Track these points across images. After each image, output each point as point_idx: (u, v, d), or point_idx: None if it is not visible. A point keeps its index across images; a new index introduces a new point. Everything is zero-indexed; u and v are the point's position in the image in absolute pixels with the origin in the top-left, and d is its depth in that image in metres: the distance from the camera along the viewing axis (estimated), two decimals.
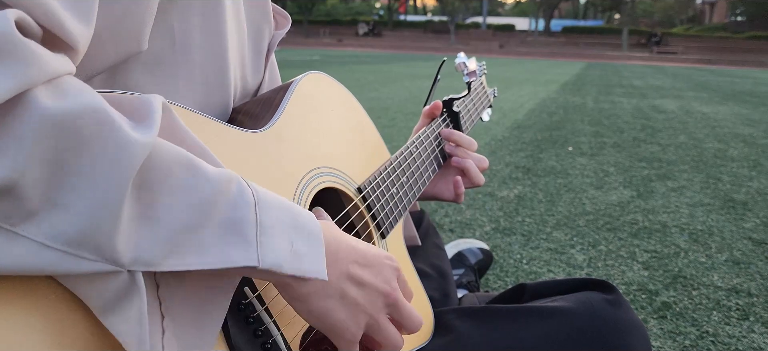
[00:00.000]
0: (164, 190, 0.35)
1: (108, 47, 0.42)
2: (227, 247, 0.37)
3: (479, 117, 0.99)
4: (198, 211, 0.36)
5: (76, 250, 0.31)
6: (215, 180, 0.37)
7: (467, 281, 1.31)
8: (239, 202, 0.38)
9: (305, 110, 0.61)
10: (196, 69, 0.51)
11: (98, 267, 0.32)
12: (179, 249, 0.35)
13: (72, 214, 0.31)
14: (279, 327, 0.50)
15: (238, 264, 0.37)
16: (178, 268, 0.35)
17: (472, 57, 0.96)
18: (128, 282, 0.34)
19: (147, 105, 0.35)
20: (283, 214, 0.41)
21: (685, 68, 19.06)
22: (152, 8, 0.44)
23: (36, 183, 0.30)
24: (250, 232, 0.38)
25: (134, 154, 0.32)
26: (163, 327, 0.37)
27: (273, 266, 0.39)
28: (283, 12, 0.69)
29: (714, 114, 5.49)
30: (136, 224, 0.33)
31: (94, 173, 0.31)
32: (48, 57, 0.30)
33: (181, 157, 0.36)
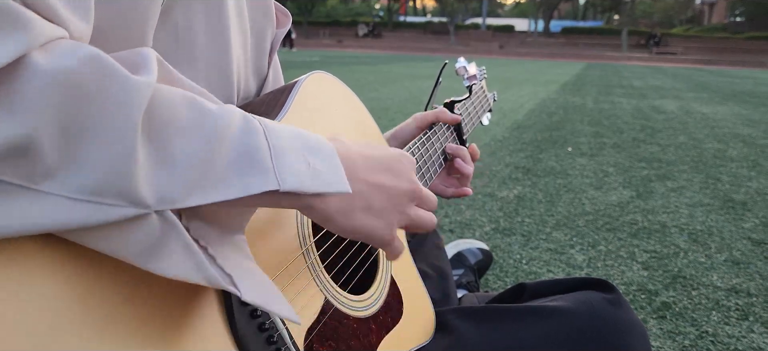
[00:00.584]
0: (173, 131, 0.35)
1: (112, 46, 0.42)
2: (245, 175, 0.37)
3: (479, 121, 0.99)
4: (209, 145, 0.36)
5: (101, 198, 0.32)
6: (219, 113, 0.38)
7: (467, 281, 1.31)
8: (247, 131, 0.39)
9: (309, 109, 0.61)
10: (200, 67, 0.51)
11: (126, 212, 0.33)
12: (198, 184, 0.35)
13: (90, 164, 0.31)
14: (284, 322, 0.50)
15: (260, 190, 0.37)
16: (201, 202, 0.35)
17: (473, 61, 0.96)
18: (161, 222, 0.34)
19: (140, 54, 0.36)
20: (293, 137, 0.42)
21: (685, 69, 19.07)
22: (156, 7, 0.44)
23: (50, 139, 0.30)
24: (265, 157, 0.38)
25: (139, 94, 0.32)
26: (210, 255, 0.38)
27: (294, 187, 0.39)
28: (284, 9, 0.70)
29: (713, 114, 5.50)
30: (154, 166, 0.34)
31: (103, 120, 0.31)
32: (43, 23, 0.31)
33: (184, 97, 0.37)
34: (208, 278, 0.36)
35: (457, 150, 0.86)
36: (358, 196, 0.46)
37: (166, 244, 0.35)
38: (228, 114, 0.38)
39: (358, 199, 0.46)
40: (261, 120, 0.41)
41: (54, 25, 0.32)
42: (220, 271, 0.38)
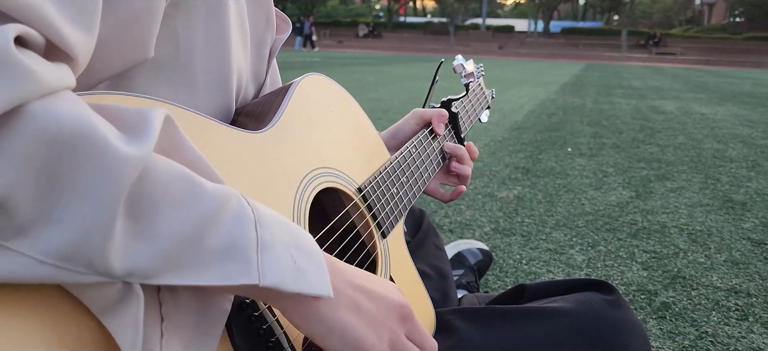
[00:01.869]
0: (161, 205, 0.34)
1: (114, 55, 0.42)
2: (226, 264, 0.37)
3: (477, 118, 0.99)
4: (196, 227, 0.35)
5: (68, 264, 0.31)
6: (214, 196, 0.37)
7: (467, 282, 1.31)
8: (239, 219, 0.38)
9: (305, 111, 0.61)
10: (199, 74, 0.52)
11: (91, 279, 0.32)
12: (176, 264, 0.35)
13: (63, 229, 0.31)
14: (282, 325, 0.50)
15: (238, 282, 0.37)
16: (175, 282, 0.35)
17: (470, 59, 0.96)
18: (123, 290, 0.34)
19: (144, 118, 0.35)
20: (284, 232, 0.41)
21: (684, 69, 19.08)
22: (158, 16, 0.44)
23: (26, 198, 0.30)
24: (251, 249, 0.38)
25: (126, 171, 0.32)
26: (161, 330, 0.37)
27: (275, 284, 0.38)
28: (284, 16, 0.70)
29: (713, 115, 5.50)
30: (131, 239, 0.33)
31: (84, 190, 0.31)
32: (45, 72, 0.30)
33: (180, 172, 0.36)
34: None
35: (454, 149, 0.86)
36: (345, 294, 0.45)
37: (120, 309, 0.34)
38: (223, 198, 0.38)
39: (345, 298, 0.45)
40: (255, 207, 0.40)
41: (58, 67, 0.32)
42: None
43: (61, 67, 0.32)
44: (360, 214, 0.66)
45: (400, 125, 0.86)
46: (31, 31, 0.30)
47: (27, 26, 0.30)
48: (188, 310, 0.39)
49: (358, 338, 0.44)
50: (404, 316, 0.49)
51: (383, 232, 0.68)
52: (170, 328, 0.38)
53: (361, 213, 0.66)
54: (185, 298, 0.39)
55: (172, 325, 0.38)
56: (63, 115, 0.30)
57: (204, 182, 0.37)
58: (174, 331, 0.38)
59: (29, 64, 0.29)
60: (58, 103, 0.31)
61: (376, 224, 0.67)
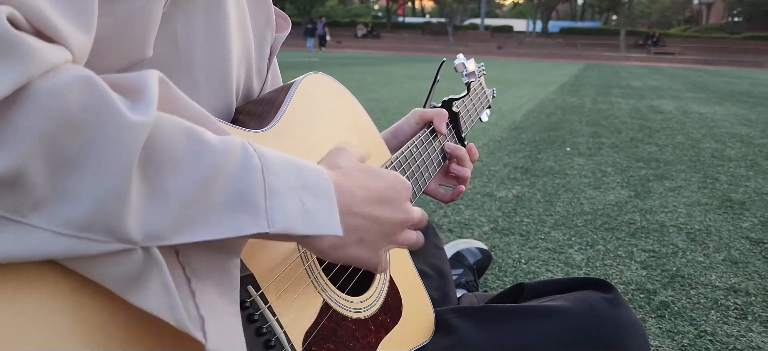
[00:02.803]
0: (169, 165, 0.35)
1: (113, 55, 0.42)
2: (236, 215, 0.37)
3: (478, 117, 0.99)
4: (204, 182, 0.36)
5: (87, 234, 0.32)
6: (219, 148, 0.37)
7: (466, 281, 1.31)
8: (245, 168, 0.38)
9: (307, 110, 0.61)
10: (200, 72, 0.52)
11: (112, 247, 0.33)
12: (188, 221, 0.35)
13: (79, 200, 0.31)
14: (282, 325, 0.50)
15: (249, 232, 0.37)
16: (188, 239, 0.35)
17: (471, 58, 0.96)
18: (144, 257, 0.34)
19: (142, 82, 0.35)
20: (292, 174, 0.41)
21: (683, 69, 19.09)
22: (157, 15, 0.44)
23: (40, 173, 0.30)
24: (259, 197, 0.38)
25: (135, 137, 0.32)
26: (191, 289, 0.37)
27: (284, 229, 0.39)
28: (284, 14, 0.70)
29: (711, 114, 5.51)
30: (145, 202, 0.34)
31: (97, 159, 0.31)
32: (44, 48, 0.30)
33: (183, 129, 0.36)
34: (179, 321, 0.35)
35: (455, 150, 0.86)
36: (352, 230, 0.47)
37: (145, 280, 0.34)
38: (228, 148, 0.38)
39: (352, 233, 0.47)
40: (262, 154, 0.40)
41: (56, 47, 0.32)
42: (194, 311, 0.37)
43: (58, 46, 0.32)
44: None
45: (401, 125, 0.86)
46: (17, 14, 0.30)
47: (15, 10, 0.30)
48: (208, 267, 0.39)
49: (358, 261, 0.50)
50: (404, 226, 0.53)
51: None
52: (199, 286, 0.38)
53: None
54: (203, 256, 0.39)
55: (201, 282, 0.38)
56: (69, 88, 0.31)
57: (208, 136, 0.37)
58: (204, 287, 0.38)
59: (30, 41, 0.30)
60: (63, 77, 0.31)
61: None
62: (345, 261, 0.49)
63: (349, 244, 0.47)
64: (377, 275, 0.67)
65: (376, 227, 0.49)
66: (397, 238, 0.53)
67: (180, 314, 0.35)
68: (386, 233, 0.51)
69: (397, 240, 0.53)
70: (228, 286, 0.41)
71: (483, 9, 51.31)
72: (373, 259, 0.51)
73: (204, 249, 0.39)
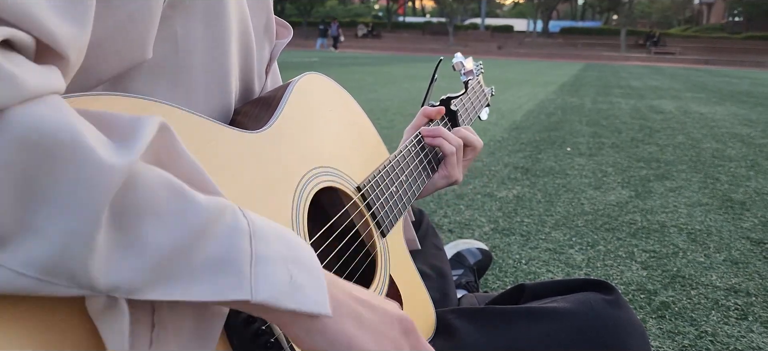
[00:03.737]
0: (148, 216, 0.33)
1: (112, 56, 0.42)
2: (217, 278, 0.35)
3: (477, 115, 0.99)
4: (184, 240, 0.34)
5: (50, 277, 0.30)
6: (206, 208, 0.35)
7: (466, 281, 1.31)
8: (232, 232, 0.36)
9: (304, 110, 0.61)
10: (199, 74, 0.51)
11: (74, 292, 0.32)
12: (163, 279, 0.34)
13: (43, 241, 0.30)
14: None
15: (229, 298, 0.35)
16: (161, 297, 0.34)
17: (469, 57, 0.96)
18: (108, 302, 0.33)
19: (135, 126, 0.33)
20: (281, 245, 0.39)
21: (683, 69, 19.10)
22: (156, 17, 0.44)
23: (5, 207, 0.29)
24: (244, 263, 0.36)
25: (108, 179, 0.30)
26: (151, 338, 0.36)
27: (268, 300, 0.36)
28: (286, 23, 0.70)
29: (712, 114, 5.50)
30: (114, 251, 0.32)
31: (65, 199, 0.30)
32: (28, 76, 0.29)
33: (169, 183, 0.34)
34: None
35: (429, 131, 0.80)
36: (346, 306, 0.43)
37: (108, 319, 0.34)
38: (215, 210, 0.36)
39: (346, 310, 0.43)
40: (251, 219, 0.38)
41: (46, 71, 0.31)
42: None
43: (50, 70, 0.31)
44: (359, 214, 0.65)
45: (414, 123, 0.86)
46: (18, 33, 0.29)
47: (14, 28, 0.29)
48: (184, 313, 0.38)
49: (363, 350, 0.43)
50: (406, 329, 0.47)
51: (382, 231, 0.68)
52: (161, 336, 0.36)
53: (361, 212, 0.65)
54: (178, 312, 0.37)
55: (165, 332, 0.37)
56: (43, 120, 0.29)
57: (194, 194, 0.36)
58: (166, 338, 0.37)
59: (10, 68, 0.28)
60: (40, 109, 0.30)
61: (375, 223, 0.67)
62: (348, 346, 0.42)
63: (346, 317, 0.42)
64: (376, 274, 0.67)
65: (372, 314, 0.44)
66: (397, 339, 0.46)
67: None
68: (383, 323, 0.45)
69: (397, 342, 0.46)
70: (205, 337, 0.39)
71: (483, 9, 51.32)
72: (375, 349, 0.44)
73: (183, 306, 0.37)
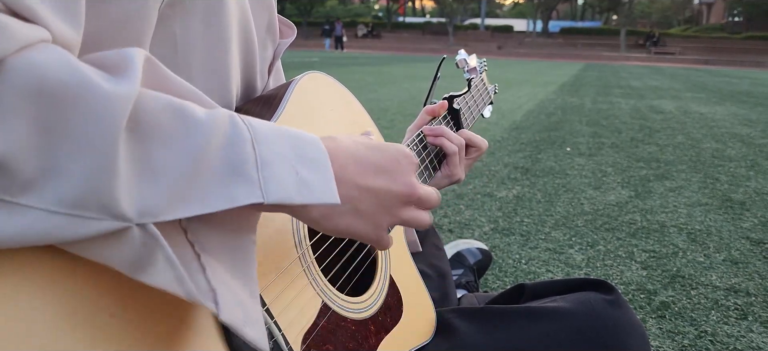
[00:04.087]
0: (156, 142, 0.34)
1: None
2: (230, 188, 0.37)
3: (480, 114, 0.99)
4: (193, 157, 0.35)
5: (80, 211, 0.31)
6: (206, 122, 0.37)
7: (466, 281, 1.31)
8: (235, 140, 0.38)
9: (305, 109, 0.61)
10: (198, 75, 0.51)
11: (106, 226, 0.32)
12: (180, 196, 0.35)
13: (68, 177, 0.31)
14: (280, 327, 0.50)
15: (243, 203, 0.37)
16: (182, 215, 0.35)
17: (473, 54, 0.96)
18: (142, 235, 0.34)
19: (125, 57, 0.35)
20: (284, 144, 0.41)
21: (683, 69, 19.10)
22: (152, 16, 0.44)
23: (26, 152, 0.30)
24: (251, 169, 0.38)
25: (117, 109, 0.31)
26: (201, 264, 0.37)
27: (280, 200, 0.39)
28: (289, 23, 0.70)
29: (711, 114, 5.51)
30: (135, 178, 0.33)
31: (81, 135, 0.31)
32: (18, 26, 0.30)
33: (169, 105, 0.35)
34: (188, 292, 0.35)
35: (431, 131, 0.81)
36: (346, 200, 0.45)
37: (148, 256, 0.34)
38: (215, 122, 0.37)
39: (346, 202, 0.46)
40: (251, 125, 0.40)
41: (33, 26, 0.31)
42: (205, 284, 0.36)
43: (35, 26, 0.32)
44: None
45: (416, 122, 0.86)
46: None
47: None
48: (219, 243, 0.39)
49: (355, 233, 0.48)
50: (407, 201, 0.50)
51: None
52: (210, 261, 0.37)
53: None
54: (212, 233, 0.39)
55: (212, 258, 0.38)
56: (45, 64, 0.30)
57: (194, 110, 0.37)
58: (216, 263, 0.38)
59: (4, 18, 0.29)
60: (39, 53, 0.30)
61: None
62: (341, 233, 0.47)
63: (344, 213, 0.46)
64: (377, 275, 0.67)
65: (371, 198, 0.47)
66: (400, 212, 0.50)
67: (188, 285, 0.35)
68: (386, 206, 0.48)
69: (399, 215, 0.50)
70: (242, 262, 0.40)
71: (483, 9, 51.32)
72: (372, 233, 0.48)
73: (212, 227, 0.39)
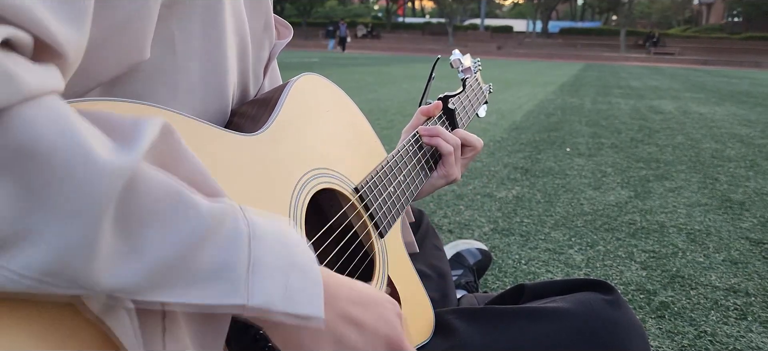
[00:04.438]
0: (149, 222, 0.33)
1: (109, 57, 0.42)
2: (215, 284, 0.35)
3: (475, 113, 0.99)
4: (184, 248, 0.34)
5: (52, 279, 0.30)
6: (207, 216, 0.35)
7: (466, 282, 1.31)
8: (231, 238, 0.37)
9: (301, 112, 0.61)
10: (195, 76, 0.51)
11: (76, 292, 0.31)
12: (163, 284, 0.34)
13: (43, 246, 0.29)
14: None
15: (226, 303, 0.36)
16: (161, 300, 0.34)
17: (467, 54, 0.96)
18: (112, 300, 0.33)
19: (136, 127, 0.33)
20: (280, 249, 0.39)
21: (683, 69, 19.11)
22: (153, 17, 0.44)
23: (5, 212, 0.28)
24: (241, 270, 0.36)
25: (108, 181, 0.30)
26: (164, 325, 0.36)
27: (262, 305, 0.37)
28: (286, 23, 0.70)
29: (711, 114, 5.51)
30: (116, 257, 0.32)
31: (64, 205, 0.29)
32: (28, 76, 0.29)
33: (171, 188, 0.34)
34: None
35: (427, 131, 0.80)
36: (330, 326, 0.43)
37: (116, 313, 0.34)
38: (218, 217, 0.36)
39: (329, 330, 0.43)
40: (251, 221, 0.38)
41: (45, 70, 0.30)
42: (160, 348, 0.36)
43: (49, 69, 0.31)
44: (357, 215, 0.65)
45: (411, 122, 0.86)
46: (18, 32, 0.29)
47: (13, 27, 0.29)
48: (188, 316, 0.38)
49: None
50: (392, 348, 0.48)
51: (380, 232, 0.68)
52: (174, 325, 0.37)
53: (358, 213, 0.65)
54: None
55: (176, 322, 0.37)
56: (43, 123, 0.29)
57: (197, 200, 0.35)
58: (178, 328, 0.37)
59: (10, 67, 0.28)
60: (39, 110, 0.29)
61: (373, 224, 0.67)
62: None
63: (325, 340, 0.43)
64: (375, 275, 0.67)
65: (357, 334, 0.45)
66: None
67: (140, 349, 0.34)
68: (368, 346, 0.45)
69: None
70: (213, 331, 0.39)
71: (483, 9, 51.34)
72: None
73: None
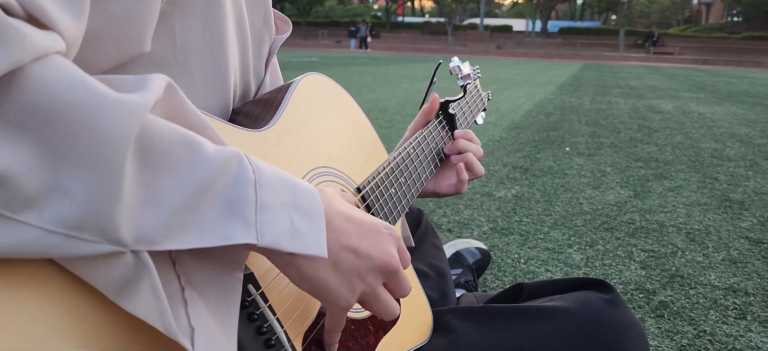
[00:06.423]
0: (164, 171, 0.35)
1: (109, 49, 0.42)
2: (226, 225, 0.37)
3: (473, 120, 0.99)
4: (198, 191, 0.36)
5: (78, 233, 0.31)
6: (216, 159, 0.37)
7: (465, 281, 1.31)
8: (239, 180, 0.39)
9: (304, 111, 0.61)
10: (197, 71, 0.52)
11: (102, 249, 0.32)
12: (179, 228, 0.35)
13: (71, 198, 0.30)
14: (282, 324, 0.50)
15: (237, 242, 0.38)
16: (178, 246, 0.35)
17: (466, 61, 0.97)
18: (134, 262, 0.34)
19: (142, 81, 0.35)
20: (284, 191, 0.42)
21: (682, 69, 19.12)
22: (154, 10, 0.44)
23: (30, 169, 0.30)
24: (250, 210, 0.38)
25: (126, 119, 0.31)
26: (184, 298, 0.37)
27: (271, 244, 0.39)
28: (284, 17, 0.70)
29: (710, 114, 5.51)
30: (138, 204, 0.33)
31: (87, 155, 0.30)
32: (35, 35, 0.30)
33: (181, 136, 0.36)
34: (167, 328, 0.35)
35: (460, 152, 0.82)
36: (330, 253, 0.45)
37: (136, 284, 0.34)
38: (225, 160, 0.38)
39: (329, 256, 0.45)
40: (257, 167, 0.40)
41: (48, 34, 0.31)
42: (185, 320, 0.37)
43: (51, 33, 0.32)
44: None
45: (414, 125, 0.86)
46: (11, 1, 0.29)
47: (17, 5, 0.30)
48: (206, 278, 0.39)
49: (328, 290, 0.46)
50: (386, 273, 0.49)
51: None
52: (194, 297, 0.38)
53: None
54: (200, 267, 0.39)
55: (196, 293, 0.38)
56: (56, 80, 0.30)
57: (204, 144, 0.38)
58: (199, 299, 0.38)
59: (20, 26, 0.29)
60: (51, 69, 0.30)
61: None
62: (316, 286, 0.45)
63: (323, 265, 0.45)
64: None
65: (352, 259, 0.47)
66: (375, 284, 0.48)
67: (168, 320, 0.35)
68: (363, 271, 0.47)
69: (373, 286, 0.48)
70: (227, 301, 0.40)
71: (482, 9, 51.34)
72: (344, 294, 0.46)
73: (201, 260, 0.39)
